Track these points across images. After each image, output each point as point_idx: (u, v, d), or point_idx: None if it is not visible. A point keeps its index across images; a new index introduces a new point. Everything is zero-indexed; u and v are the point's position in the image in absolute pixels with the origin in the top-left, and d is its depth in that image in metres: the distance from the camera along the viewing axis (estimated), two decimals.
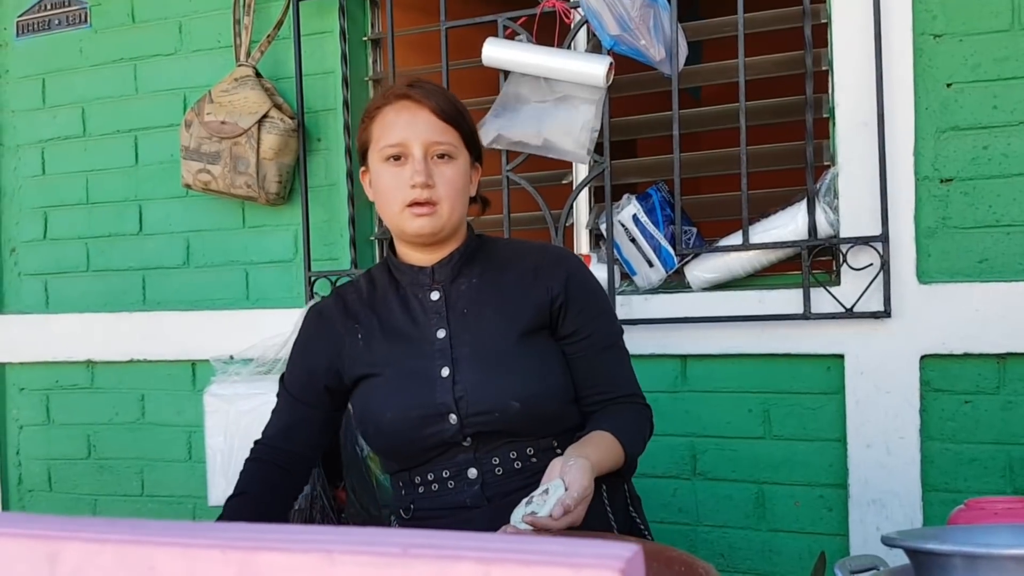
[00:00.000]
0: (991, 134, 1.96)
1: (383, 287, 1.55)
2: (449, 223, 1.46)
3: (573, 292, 1.49)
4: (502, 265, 1.52)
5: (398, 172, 1.44)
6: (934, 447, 1.99)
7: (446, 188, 1.44)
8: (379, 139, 1.47)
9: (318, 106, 2.49)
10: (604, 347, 1.50)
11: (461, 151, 1.48)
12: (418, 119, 1.44)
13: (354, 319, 1.53)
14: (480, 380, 1.41)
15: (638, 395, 1.53)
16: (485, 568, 0.40)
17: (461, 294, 1.49)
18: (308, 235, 2.45)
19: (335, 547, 0.43)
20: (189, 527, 0.48)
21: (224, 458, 2.24)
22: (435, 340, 1.46)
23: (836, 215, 2.05)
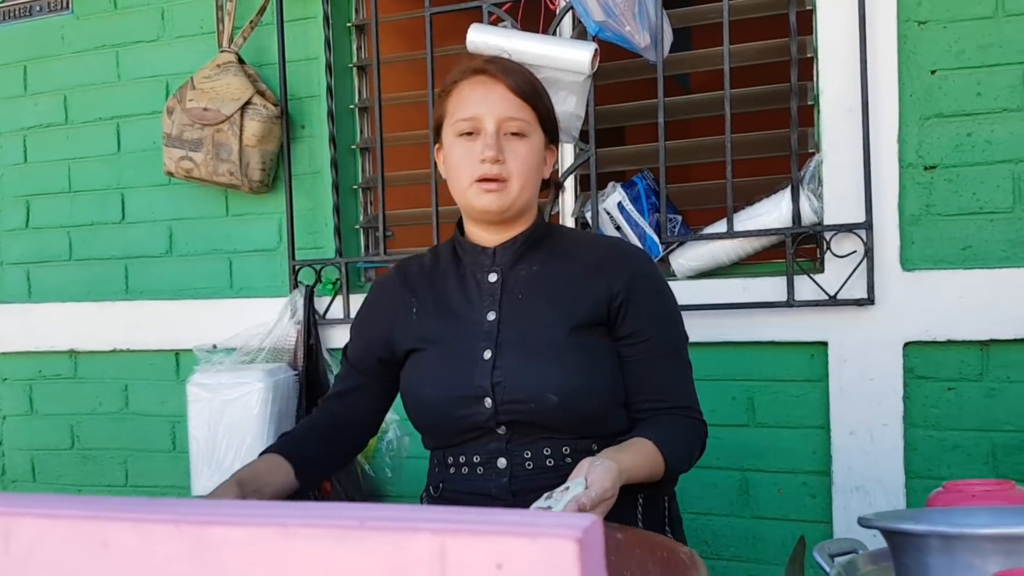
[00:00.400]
0: (975, 121, 1.96)
1: (445, 263, 1.52)
2: (518, 202, 1.42)
3: (636, 293, 1.42)
4: (566, 255, 1.48)
5: (469, 147, 1.41)
6: (917, 434, 2.00)
7: (517, 165, 1.41)
8: (453, 113, 1.44)
9: (302, 93, 2.48)
10: (662, 353, 1.43)
11: (535, 130, 1.44)
12: (493, 94, 1.41)
13: (411, 292, 1.51)
14: (520, 367, 1.37)
15: (693, 409, 1.45)
16: (441, 540, 0.39)
17: (520, 279, 1.46)
18: (292, 224, 2.44)
19: (290, 521, 0.42)
20: (143, 503, 0.47)
21: (207, 448, 2.23)
22: (484, 322, 1.43)
23: (820, 202, 2.05)
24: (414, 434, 2.38)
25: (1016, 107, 1.94)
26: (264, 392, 2.21)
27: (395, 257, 2.42)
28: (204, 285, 2.61)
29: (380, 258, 2.42)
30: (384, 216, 2.39)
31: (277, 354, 2.35)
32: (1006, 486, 0.94)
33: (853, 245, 2.01)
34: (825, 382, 2.04)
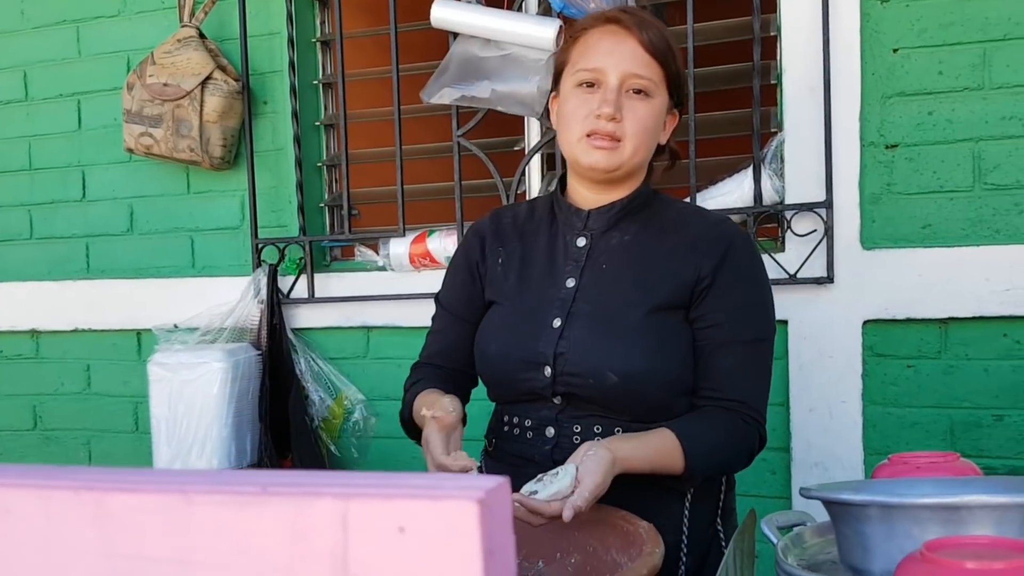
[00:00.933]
0: (936, 100, 1.97)
1: (540, 218, 1.47)
2: (629, 163, 1.35)
3: (722, 275, 1.33)
4: (663, 229, 1.39)
5: (587, 99, 1.33)
6: (876, 411, 2.01)
7: (634, 126, 1.32)
8: (576, 62, 1.37)
9: (264, 68, 2.44)
10: (730, 342, 1.32)
11: (660, 90, 1.35)
12: (622, 47, 1.33)
13: (501, 243, 1.47)
14: (585, 341, 1.31)
15: (748, 406, 1.32)
16: (344, 504, 0.38)
17: (608, 247, 1.38)
18: (255, 201, 2.41)
19: (192, 488, 0.42)
20: (44, 470, 0.46)
21: (168, 427, 2.21)
22: (562, 287, 1.38)
23: (782, 181, 2.05)
24: (381, 414, 2.40)
25: (977, 86, 1.95)
26: (224, 372, 2.19)
27: (360, 236, 2.41)
28: (166, 264, 2.58)
29: (345, 237, 2.40)
30: (349, 194, 2.37)
31: (240, 334, 2.33)
32: (950, 458, 0.95)
33: (813, 224, 2.02)
34: (785, 360, 2.05)
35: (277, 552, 0.39)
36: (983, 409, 1.96)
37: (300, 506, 0.39)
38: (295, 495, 0.39)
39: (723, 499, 1.45)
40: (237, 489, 0.41)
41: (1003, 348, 1.94)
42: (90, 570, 0.43)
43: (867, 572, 0.81)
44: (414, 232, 2.32)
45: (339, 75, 2.34)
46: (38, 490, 0.44)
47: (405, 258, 2.29)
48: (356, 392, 2.41)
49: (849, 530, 0.83)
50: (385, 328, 2.37)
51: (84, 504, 0.43)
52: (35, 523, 0.44)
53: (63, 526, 0.44)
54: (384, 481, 0.38)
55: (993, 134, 1.94)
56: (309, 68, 2.49)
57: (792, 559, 0.96)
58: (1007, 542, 0.66)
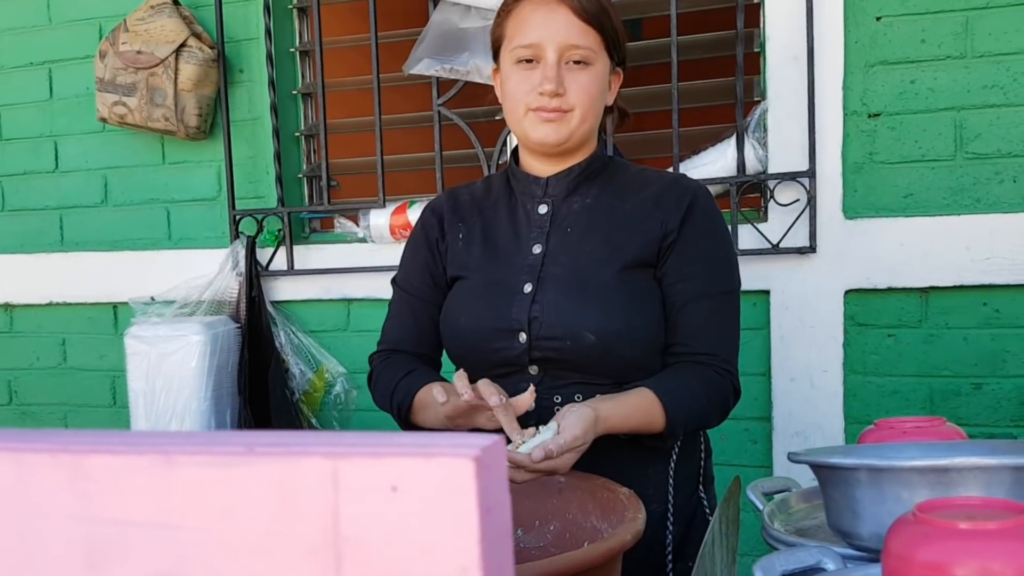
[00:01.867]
0: (919, 68, 1.96)
1: (497, 192, 1.45)
2: (578, 133, 1.33)
3: (687, 229, 1.33)
4: (623, 190, 1.38)
5: (527, 75, 1.31)
6: (857, 380, 2.02)
7: (579, 96, 1.30)
8: (512, 37, 1.34)
9: (239, 35, 2.40)
10: (697, 296, 1.31)
11: (600, 56, 1.33)
12: (555, 18, 1.30)
13: (460, 219, 1.44)
14: (559, 303, 1.30)
15: (720, 358, 1.31)
16: (333, 463, 0.37)
17: (571, 212, 1.37)
18: (231, 172, 2.37)
19: (174, 448, 0.40)
20: (17, 433, 0.44)
21: (147, 401, 2.19)
22: (529, 254, 1.36)
23: (765, 151, 2.04)
24: (362, 387, 2.38)
25: (959, 54, 1.94)
26: (203, 345, 2.17)
27: (339, 207, 2.38)
28: (141, 236, 2.54)
29: (324, 208, 2.37)
30: (328, 165, 2.34)
31: (218, 307, 2.30)
32: (936, 422, 0.95)
33: (796, 194, 2.01)
34: (767, 330, 2.05)
35: (264, 513, 0.38)
36: (962, 377, 1.97)
37: (288, 466, 0.38)
38: (282, 455, 0.38)
39: (703, 467, 1.45)
40: (221, 450, 0.39)
41: (982, 317, 1.95)
42: (68, 535, 0.41)
43: (856, 535, 0.81)
44: (394, 203, 2.29)
45: (317, 43, 2.30)
46: (12, 453, 0.42)
47: (386, 229, 2.26)
48: (337, 365, 2.39)
49: (838, 494, 0.82)
50: (366, 300, 2.35)
51: (60, 467, 0.42)
52: (8, 487, 0.42)
53: (38, 490, 0.42)
54: (375, 440, 0.37)
55: (975, 103, 1.94)
56: (286, 35, 2.45)
57: (778, 524, 0.96)
58: (998, 502, 0.65)
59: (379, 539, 0.36)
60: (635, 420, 1.23)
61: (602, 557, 1.00)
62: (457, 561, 0.35)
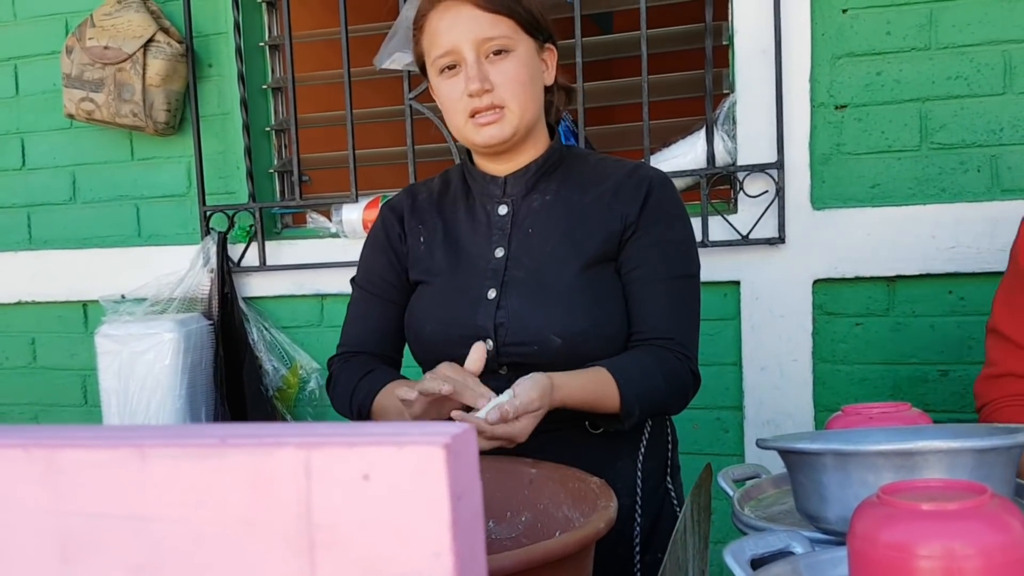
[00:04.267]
0: (884, 60, 1.99)
1: (455, 191, 1.43)
2: (522, 124, 1.31)
3: (644, 216, 1.32)
4: (583, 184, 1.37)
5: (454, 83, 1.30)
6: (826, 368, 2.05)
7: (509, 86, 1.29)
8: (430, 51, 1.33)
9: (208, 30, 2.38)
10: (654, 279, 1.31)
11: (519, 39, 1.31)
12: (460, 19, 1.29)
13: (420, 219, 1.42)
14: (524, 309, 1.29)
15: (676, 342, 1.31)
16: (306, 453, 0.37)
17: (531, 211, 1.36)
18: (201, 167, 2.36)
19: (147, 442, 0.40)
20: None
21: (120, 401, 2.17)
22: (491, 258, 1.35)
23: (734, 143, 2.06)
24: None
25: (923, 46, 1.97)
26: (175, 343, 2.16)
27: (311, 203, 2.37)
28: (111, 233, 2.52)
29: (296, 203, 2.36)
30: (299, 159, 2.33)
31: (190, 304, 2.29)
32: (902, 408, 0.97)
33: (765, 185, 2.03)
34: (737, 320, 2.08)
35: (238, 503, 0.39)
36: (929, 365, 2.00)
37: (260, 456, 0.38)
38: (255, 446, 0.38)
39: (670, 457, 1.46)
40: (194, 442, 0.39)
41: (948, 305, 1.99)
42: (41, 529, 0.42)
43: (823, 519, 0.83)
44: (367, 197, 2.29)
45: (286, 37, 2.29)
46: None
47: (359, 224, 2.26)
48: (311, 360, 2.38)
49: (805, 478, 0.84)
50: (339, 295, 2.35)
51: (33, 462, 0.42)
52: None
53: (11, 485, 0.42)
54: (346, 430, 0.38)
55: (939, 94, 1.97)
56: (255, 30, 2.43)
57: (748, 510, 0.97)
58: (959, 483, 0.67)
59: (352, 526, 0.37)
60: (590, 392, 1.22)
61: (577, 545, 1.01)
62: (429, 547, 0.36)
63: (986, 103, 1.94)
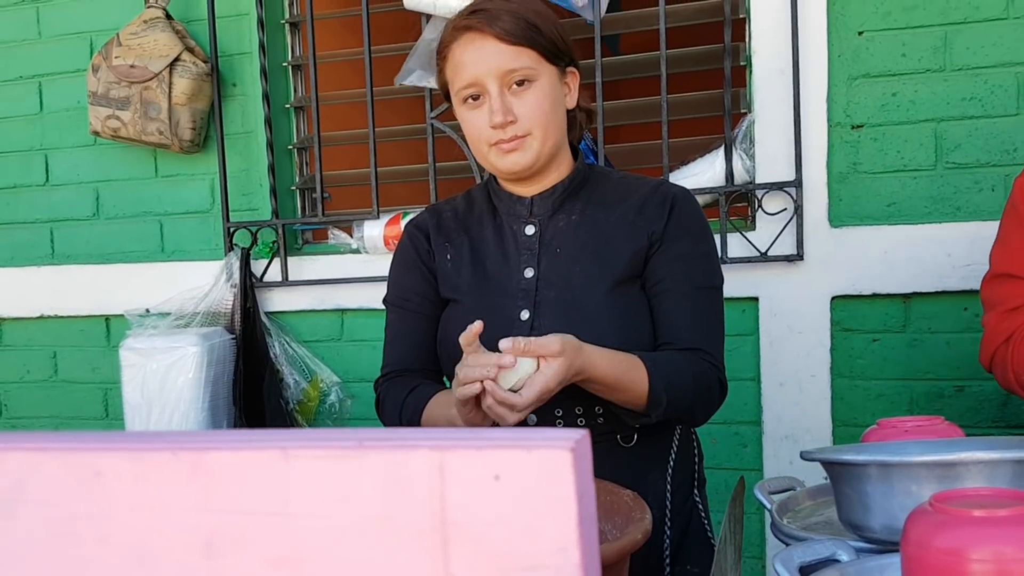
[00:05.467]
0: (900, 81, 2.03)
1: (480, 210, 1.45)
2: (544, 152, 1.34)
3: (669, 230, 1.35)
4: (608, 202, 1.40)
5: (478, 113, 1.33)
6: (843, 384, 2.08)
7: (532, 116, 1.32)
8: (454, 81, 1.36)
9: (232, 49, 2.42)
10: (680, 291, 1.34)
11: (541, 68, 1.33)
12: (484, 51, 1.31)
13: (446, 237, 1.44)
14: (558, 329, 1.26)
15: (704, 351, 1.33)
16: (440, 455, 0.41)
17: (558, 231, 1.39)
18: (225, 184, 2.39)
19: (290, 444, 0.44)
20: (136, 435, 0.47)
21: (143, 414, 2.20)
22: (521, 279, 1.37)
23: (752, 162, 2.10)
24: (357, 396, 2.41)
25: (938, 67, 2.01)
26: (199, 356, 2.19)
27: (333, 219, 2.41)
28: (134, 249, 2.55)
29: (318, 220, 2.40)
30: (321, 177, 2.37)
31: (213, 318, 2.32)
32: (936, 421, 1.01)
33: (783, 203, 2.07)
34: (756, 336, 2.11)
35: (376, 500, 0.42)
36: (945, 380, 2.03)
37: (397, 458, 0.41)
38: (391, 448, 0.42)
39: (697, 470, 1.49)
40: (334, 444, 0.43)
41: (963, 321, 2.02)
42: (186, 525, 0.45)
43: (868, 528, 0.86)
44: (388, 214, 2.33)
45: (310, 56, 2.33)
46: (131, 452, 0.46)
47: (380, 240, 2.29)
48: (331, 374, 2.41)
49: (849, 489, 0.87)
50: (360, 310, 2.38)
51: (180, 463, 0.45)
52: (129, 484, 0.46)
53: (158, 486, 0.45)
54: (477, 434, 0.41)
55: (953, 114, 2.01)
56: (278, 50, 2.48)
57: (787, 521, 1.00)
58: (1006, 492, 0.70)
59: (483, 523, 0.40)
60: (618, 367, 1.23)
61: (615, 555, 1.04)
62: (556, 543, 0.39)
63: (1000, 123, 1.98)
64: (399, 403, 1.39)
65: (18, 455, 0.48)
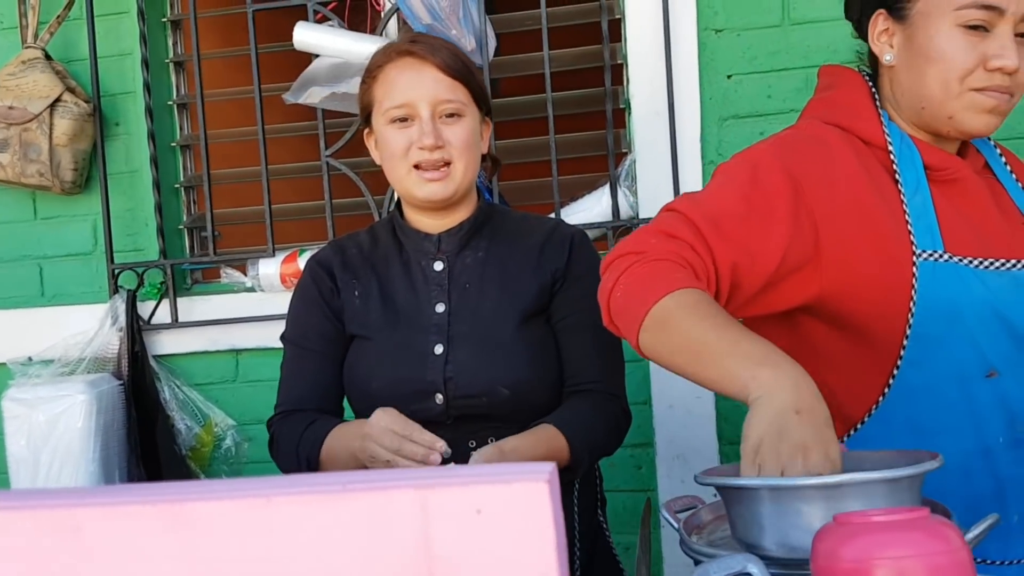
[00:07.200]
0: (766, 121, 2.18)
1: (386, 246, 1.47)
2: (463, 185, 1.40)
3: (570, 270, 1.43)
4: (511, 240, 1.46)
5: (404, 133, 1.38)
6: (727, 404, 2.20)
7: (458, 147, 1.38)
8: (383, 100, 1.39)
9: (116, 89, 2.38)
10: (580, 329, 1.41)
11: (470, 108, 1.41)
12: (424, 77, 1.37)
13: (352, 274, 1.45)
14: (472, 363, 1.36)
15: (606, 384, 1.43)
16: (423, 494, 0.45)
17: (466, 267, 1.43)
18: (109, 225, 2.33)
19: (272, 491, 0.47)
20: (115, 489, 0.49)
21: (29, 468, 2.09)
22: (432, 314, 1.40)
23: (635, 197, 2.21)
24: (255, 438, 2.37)
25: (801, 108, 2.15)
26: (88, 404, 2.11)
27: (226, 258, 2.38)
28: (12, 294, 2.44)
29: (210, 259, 2.37)
30: (212, 215, 2.34)
31: (99, 364, 2.25)
32: None
33: None
34: (646, 362, 2.20)
35: (360, 541, 0.45)
36: None
37: (380, 499, 0.45)
38: (374, 489, 0.45)
39: (599, 490, 1.57)
40: (317, 489, 0.46)
41: None
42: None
43: (761, 547, 0.93)
44: (284, 252, 2.32)
45: (198, 95, 2.31)
46: (110, 507, 0.48)
47: (276, 278, 2.28)
48: (226, 418, 2.37)
49: (744, 509, 0.95)
50: (256, 350, 2.35)
51: (159, 516, 0.47)
52: (108, 538, 0.48)
53: (138, 538, 0.47)
54: (457, 471, 0.45)
55: None
56: (162, 89, 2.44)
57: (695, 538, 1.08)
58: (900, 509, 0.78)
59: (468, 556, 0.44)
60: (542, 451, 1.30)
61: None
62: (537, 570, 0.44)
63: None
64: (295, 439, 1.39)
65: None
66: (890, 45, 1.24)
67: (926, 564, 0.69)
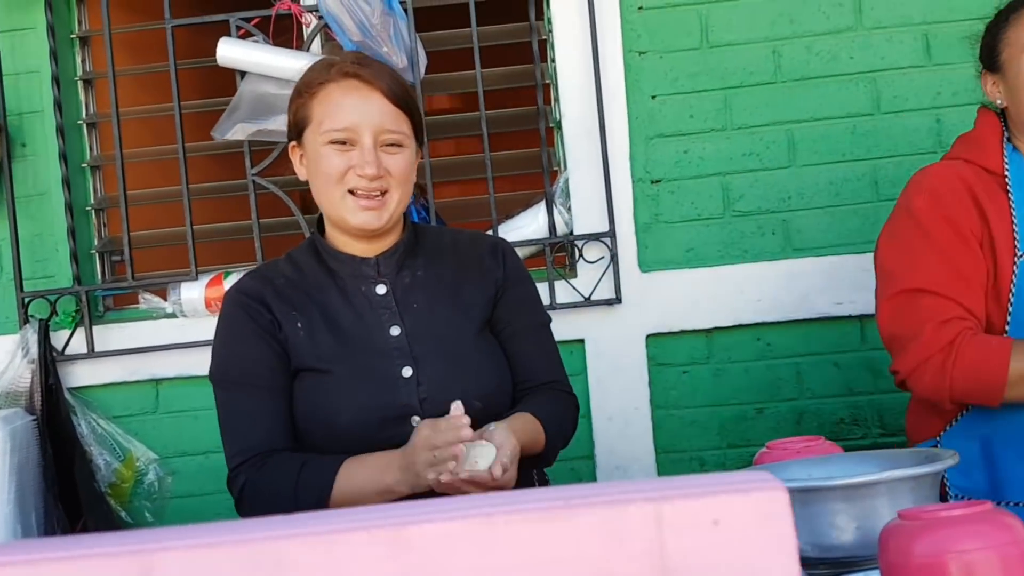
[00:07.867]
0: (690, 140, 2.27)
1: (314, 274, 1.42)
2: (396, 214, 1.40)
3: (508, 278, 1.48)
4: (443, 256, 1.48)
5: (343, 157, 1.35)
6: (661, 414, 2.27)
7: (397, 178, 1.37)
8: (322, 120, 1.35)
9: (22, 108, 2.24)
10: (527, 331, 1.49)
11: (410, 139, 1.41)
12: (370, 103, 1.35)
13: (291, 306, 1.38)
14: (444, 380, 1.36)
15: (561, 382, 1.52)
16: (657, 507, 0.45)
17: (409, 288, 1.43)
18: (18, 251, 2.19)
19: (494, 510, 0.46)
20: (320, 516, 0.48)
21: None
22: (389, 338, 1.37)
23: (570, 214, 2.25)
24: (179, 471, 2.27)
25: (721, 127, 2.27)
26: (1, 443, 1.97)
27: (145, 283, 2.27)
28: None
29: (127, 284, 2.25)
30: (129, 238, 2.23)
31: (11, 399, 2.10)
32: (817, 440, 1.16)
33: (600, 251, 2.24)
34: (584, 375, 2.25)
35: (591, 557, 0.46)
36: (747, 404, 2.27)
37: (610, 515, 0.46)
38: (603, 504, 0.46)
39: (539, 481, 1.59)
40: (539, 506, 0.46)
41: (758, 350, 2.28)
42: None
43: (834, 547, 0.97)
44: (207, 275, 2.23)
45: (113, 113, 2.20)
46: (319, 536, 0.46)
47: (200, 302, 2.20)
48: (147, 451, 2.25)
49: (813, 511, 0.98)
50: (178, 379, 2.25)
51: (375, 543, 0.46)
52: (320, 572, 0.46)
53: (354, 565, 0.46)
54: (691, 482, 0.46)
55: (736, 168, 2.27)
56: (71, 108, 2.31)
57: None
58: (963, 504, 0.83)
59: (704, 568, 0.45)
60: (528, 436, 1.35)
61: None
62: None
63: (776, 175, 2.27)
64: (290, 483, 1.30)
65: (177, 555, 0.47)
66: (998, 92, 1.57)
67: (996, 556, 0.74)
